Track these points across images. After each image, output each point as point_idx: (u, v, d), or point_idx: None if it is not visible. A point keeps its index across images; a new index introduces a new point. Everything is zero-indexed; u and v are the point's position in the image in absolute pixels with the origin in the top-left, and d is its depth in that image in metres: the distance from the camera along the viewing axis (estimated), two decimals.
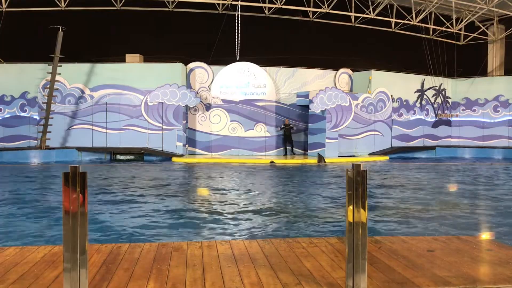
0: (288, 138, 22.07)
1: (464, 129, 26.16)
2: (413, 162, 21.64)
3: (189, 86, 21.93)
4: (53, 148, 20.68)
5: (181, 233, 7.47)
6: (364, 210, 3.32)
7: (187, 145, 21.99)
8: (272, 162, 19.50)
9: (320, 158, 19.78)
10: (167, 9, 23.70)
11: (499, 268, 3.97)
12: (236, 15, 22.60)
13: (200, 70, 22.32)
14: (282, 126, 22.00)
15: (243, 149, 22.33)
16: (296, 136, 22.68)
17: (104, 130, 21.31)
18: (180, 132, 21.12)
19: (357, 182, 3.31)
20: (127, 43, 23.76)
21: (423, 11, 25.33)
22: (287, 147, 22.18)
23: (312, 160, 19.97)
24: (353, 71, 24.39)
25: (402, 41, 26.43)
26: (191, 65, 22.30)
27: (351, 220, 3.32)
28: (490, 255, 4.45)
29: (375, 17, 25.08)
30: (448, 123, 26.35)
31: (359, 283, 3.33)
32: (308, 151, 21.83)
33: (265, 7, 24.17)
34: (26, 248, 4.61)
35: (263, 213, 9.03)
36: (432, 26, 26.39)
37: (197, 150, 22.22)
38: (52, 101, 20.59)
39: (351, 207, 3.32)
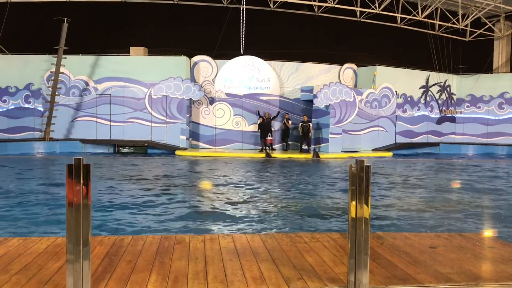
0: (270, 133, 21.05)
1: (468, 126, 26.06)
2: (416, 159, 21.58)
3: (193, 79, 21.90)
4: (57, 140, 20.74)
5: (184, 226, 7.49)
6: (367, 206, 3.31)
7: (190, 139, 22.00)
8: (268, 155, 19.47)
9: (315, 153, 19.79)
10: (172, 2, 23.62)
11: (502, 266, 3.97)
12: (241, 8, 22.51)
13: (204, 63, 22.28)
14: (265, 118, 21.05)
15: (246, 143, 22.30)
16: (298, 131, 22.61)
17: (108, 123, 21.33)
18: (183, 126, 21.12)
19: (360, 178, 3.30)
20: (132, 35, 23.76)
21: (429, 6, 25.17)
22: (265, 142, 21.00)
23: (309, 155, 20.00)
24: (358, 66, 24.29)
25: (408, 36, 26.29)
26: (195, 58, 22.25)
27: (354, 216, 3.31)
28: (492, 252, 4.44)
29: (381, 12, 24.94)
30: (452, 119, 26.24)
31: (361, 279, 3.33)
32: (311, 146, 21.77)
33: (270, 0, 24.06)
34: (29, 239, 4.62)
35: (264, 207, 9.04)
36: (438, 22, 26.22)
37: (201, 144, 22.22)
38: (56, 93, 20.62)
39: (354, 203, 3.31)
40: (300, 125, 21.23)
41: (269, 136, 21.07)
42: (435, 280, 3.60)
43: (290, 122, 21.59)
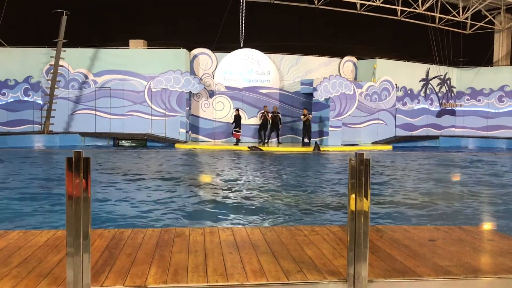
0: (275, 126, 21.21)
1: (468, 119, 26.05)
2: (416, 152, 21.58)
3: (192, 72, 21.85)
4: (57, 133, 20.73)
5: (184, 219, 7.50)
6: (367, 199, 3.31)
7: (190, 132, 21.99)
8: (255, 147, 19.44)
9: (316, 146, 19.79)
10: None
11: (501, 258, 3.98)
12: (241, 1, 22.40)
13: (204, 56, 22.22)
14: (271, 113, 21.17)
15: (246, 137, 22.27)
16: (300, 125, 22.57)
17: (108, 116, 21.31)
18: (183, 119, 21.10)
19: (360, 171, 3.30)
20: (131, 28, 23.64)
21: None
22: (269, 135, 21.20)
23: (310, 148, 20.01)
24: (358, 59, 24.23)
25: (408, 29, 26.19)
26: (195, 51, 22.19)
27: (353, 209, 3.32)
28: (491, 245, 4.45)
29: (381, 4, 24.82)
30: (452, 112, 26.22)
31: (360, 271, 3.34)
32: (311, 139, 21.74)
33: None
34: (29, 232, 4.63)
35: (264, 200, 9.05)
36: (438, 15, 26.10)
37: (200, 137, 22.21)
38: (55, 86, 20.57)
39: (353, 196, 3.31)
40: (301, 118, 21.22)
41: (239, 130, 20.85)
42: (434, 273, 3.61)
43: (270, 114, 21.24)
